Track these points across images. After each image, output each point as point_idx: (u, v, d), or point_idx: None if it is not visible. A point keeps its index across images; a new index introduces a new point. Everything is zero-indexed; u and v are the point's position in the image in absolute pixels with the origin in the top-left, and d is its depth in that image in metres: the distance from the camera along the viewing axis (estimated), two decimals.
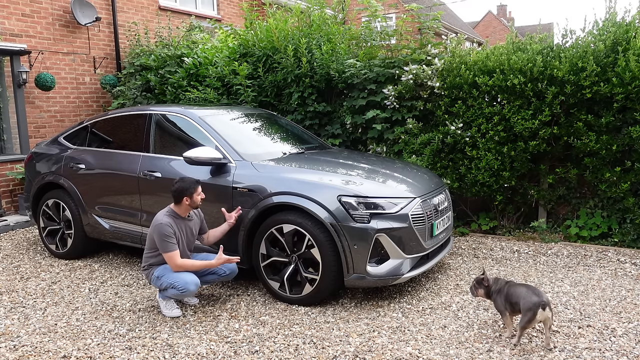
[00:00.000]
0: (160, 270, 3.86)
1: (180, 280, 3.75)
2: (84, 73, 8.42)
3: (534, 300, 3.15)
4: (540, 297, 3.16)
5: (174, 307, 3.90)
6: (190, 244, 4.04)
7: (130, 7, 9.08)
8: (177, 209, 3.93)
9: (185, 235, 3.96)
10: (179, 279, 3.75)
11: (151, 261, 3.94)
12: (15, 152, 7.57)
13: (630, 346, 3.26)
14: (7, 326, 3.78)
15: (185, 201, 3.87)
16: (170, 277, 3.79)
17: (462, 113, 5.65)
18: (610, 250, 5.11)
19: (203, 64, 7.15)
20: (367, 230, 3.74)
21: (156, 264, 3.92)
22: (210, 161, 4.25)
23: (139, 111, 5.11)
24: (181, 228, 3.91)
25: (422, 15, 6.43)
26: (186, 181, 3.91)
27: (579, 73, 5.09)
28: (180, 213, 3.93)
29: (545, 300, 3.15)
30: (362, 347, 3.32)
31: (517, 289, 3.31)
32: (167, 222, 3.82)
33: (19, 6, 7.48)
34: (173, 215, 3.90)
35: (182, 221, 3.94)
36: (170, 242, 3.77)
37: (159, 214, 3.92)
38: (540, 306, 3.12)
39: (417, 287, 4.34)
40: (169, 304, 3.91)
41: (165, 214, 3.90)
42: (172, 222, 3.85)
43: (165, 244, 3.77)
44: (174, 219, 3.89)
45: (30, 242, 6.14)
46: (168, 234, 3.77)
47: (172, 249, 3.78)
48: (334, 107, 6.44)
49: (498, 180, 5.55)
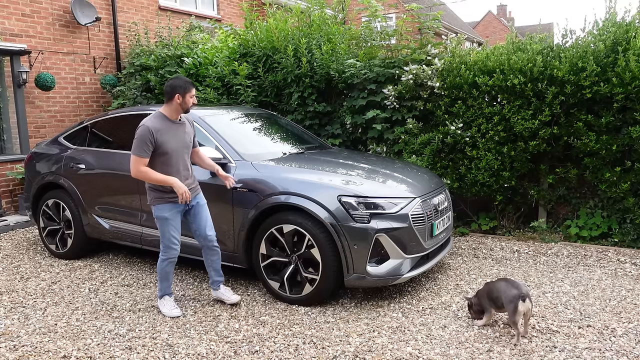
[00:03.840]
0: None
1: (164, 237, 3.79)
2: (84, 73, 8.42)
3: (514, 293, 3.24)
4: (520, 290, 3.25)
5: (173, 307, 3.90)
6: (182, 150, 3.77)
7: (130, 7, 9.08)
8: (166, 110, 3.72)
9: (176, 139, 3.72)
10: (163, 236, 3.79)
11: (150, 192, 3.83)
12: (15, 152, 7.57)
13: (630, 346, 3.26)
14: (7, 326, 3.78)
15: (177, 99, 3.66)
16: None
17: (462, 113, 5.65)
18: (610, 250, 5.11)
19: (203, 64, 7.15)
20: (367, 230, 3.74)
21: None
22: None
23: (139, 111, 5.10)
24: (170, 131, 3.69)
25: (422, 15, 6.43)
26: (181, 79, 3.73)
27: (579, 73, 5.09)
28: (169, 115, 3.72)
29: (524, 292, 3.24)
30: (362, 347, 3.32)
31: (497, 284, 3.42)
32: (152, 126, 3.60)
33: (19, 6, 7.48)
34: (161, 118, 3.69)
35: (172, 124, 3.73)
36: (144, 149, 3.59)
37: (147, 117, 3.71)
38: (520, 298, 3.21)
39: (417, 287, 4.34)
40: (168, 304, 3.91)
41: (153, 117, 3.69)
42: (158, 125, 3.63)
43: (138, 148, 3.59)
44: (162, 122, 3.68)
45: (30, 242, 6.14)
46: (145, 141, 3.58)
47: (142, 155, 3.59)
48: (334, 107, 6.44)
49: (498, 180, 5.55)
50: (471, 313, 3.65)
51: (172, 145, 3.69)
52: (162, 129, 3.66)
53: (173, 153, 3.71)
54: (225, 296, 4.06)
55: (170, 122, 3.73)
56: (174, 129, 3.73)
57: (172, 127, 3.72)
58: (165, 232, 3.80)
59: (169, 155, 3.69)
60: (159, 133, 3.63)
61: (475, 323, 3.57)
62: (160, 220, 3.80)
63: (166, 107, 3.74)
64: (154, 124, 3.64)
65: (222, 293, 4.08)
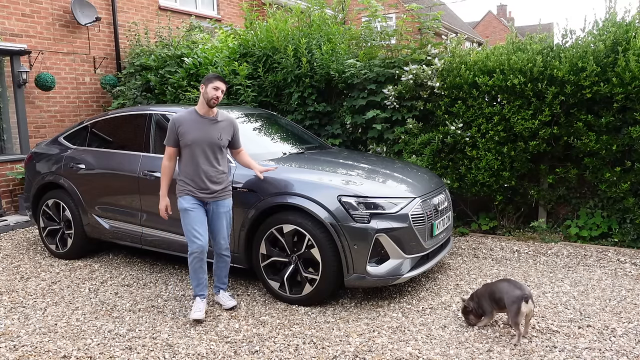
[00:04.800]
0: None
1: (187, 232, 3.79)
2: (84, 73, 8.42)
3: (517, 294, 3.24)
4: (523, 291, 3.25)
5: (196, 310, 3.79)
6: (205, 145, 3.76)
7: (130, 7, 9.08)
8: (198, 105, 3.84)
9: (200, 133, 3.75)
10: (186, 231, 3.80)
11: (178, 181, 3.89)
12: (15, 152, 7.57)
13: (630, 346, 3.26)
14: (7, 326, 3.78)
15: (201, 89, 3.79)
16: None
17: (462, 113, 5.65)
18: (610, 250, 5.11)
19: (203, 64, 7.15)
20: (367, 230, 3.74)
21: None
22: None
23: (139, 111, 5.11)
24: (196, 124, 3.77)
25: (422, 15, 6.43)
26: (211, 73, 3.90)
27: (579, 73, 5.09)
28: (199, 110, 3.81)
29: (527, 293, 3.24)
30: (362, 347, 3.32)
31: (499, 285, 3.41)
32: (176, 118, 3.79)
33: (19, 6, 7.48)
34: (190, 112, 3.82)
35: (201, 119, 3.80)
36: (169, 138, 3.79)
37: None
38: (523, 299, 3.20)
39: (417, 287, 4.34)
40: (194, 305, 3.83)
41: (184, 110, 3.88)
42: (183, 118, 3.77)
43: (166, 137, 3.82)
44: (190, 115, 3.79)
45: (30, 242, 6.14)
46: (170, 131, 3.77)
47: (167, 143, 3.81)
48: (334, 107, 6.44)
49: (498, 180, 5.55)
50: (466, 318, 3.58)
51: (193, 137, 3.73)
52: (187, 122, 3.76)
53: (194, 145, 3.74)
54: (223, 301, 4.01)
55: (199, 117, 3.80)
56: (200, 123, 3.78)
57: (199, 121, 3.78)
58: (186, 224, 3.77)
59: (190, 147, 3.75)
60: (181, 125, 3.75)
61: (476, 324, 3.55)
62: (182, 212, 3.79)
63: (199, 103, 3.85)
64: (179, 116, 3.80)
65: (220, 298, 4.04)
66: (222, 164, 3.87)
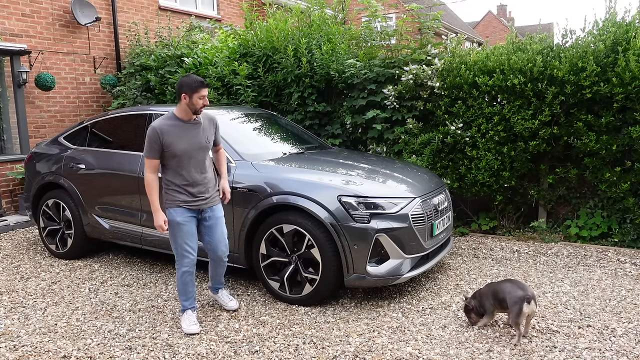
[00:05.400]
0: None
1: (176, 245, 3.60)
2: (84, 73, 8.42)
3: (519, 295, 3.25)
4: (526, 291, 3.26)
5: (192, 323, 3.63)
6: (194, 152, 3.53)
7: (130, 7, 9.08)
8: (177, 109, 3.52)
9: (187, 140, 3.50)
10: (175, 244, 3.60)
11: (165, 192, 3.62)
12: (15, 152, 7.57)
13: (630, 346, 3.26)
14: (7, 326, 3.78)
15: (183, 99, 3.43)
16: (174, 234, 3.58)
17: (462, 113, 5.65)
18: (610, 250, 5.11)
19: (203, 64, 7.15)
20: (367, 230, 3.74)
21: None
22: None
23: (139, 111, 5.11)
24: (180, 132, 3.48)
25: (422, 15, 6.43)
26: (190, 77, 3.48)
27: (579, 73, 5.09)
28: (180, 115, 3.51)
29: (530, 294, 3.25)
30: (362, 347, 3.32)
31: (502, 286, 3.41)
32: (158, 127, 3.43)
33: (19, 6, 7.48)
34: (171, 118, 3.50)
35: (184, 125, 3.51)
36: (151, 150, 3.44)
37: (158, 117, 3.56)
38: (526, 300, 3.21)
39: (417, 287, 4.34)
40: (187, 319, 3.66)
41: (163, 117, 3.53)
42: (166, 126, 3.45)
43: (146, 149, 3.46)
44: (172, 122, 3.49)
45: (30, 242, 6.14)
46: (151, 142, 3.42)
47: (149, 156, 3.46)
48: (334, 107, 6.44)
49: (498, 180, 5.55)
50: (469, 317, 3.59)
51: (182, 147, 3.48)
52: (170, 130, 3.46)
53: (183, 155, 3.49)
54: (224, 301, 3.97)
55: (182, 123, 3.51)
56: (185, 130, 3.51)
57: (183, 128, 3.50)
58: (177, 238, 3.56)
59: (179, 157, 3.49)
60: (165, 134, 3.44)
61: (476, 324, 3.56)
62: (172, 225, 3.55)
63: (178, 106, 3.55)
64: (161, 125, 3.46)
65: (220, 297, 4.01)
66: (209, 165, 3.69)
